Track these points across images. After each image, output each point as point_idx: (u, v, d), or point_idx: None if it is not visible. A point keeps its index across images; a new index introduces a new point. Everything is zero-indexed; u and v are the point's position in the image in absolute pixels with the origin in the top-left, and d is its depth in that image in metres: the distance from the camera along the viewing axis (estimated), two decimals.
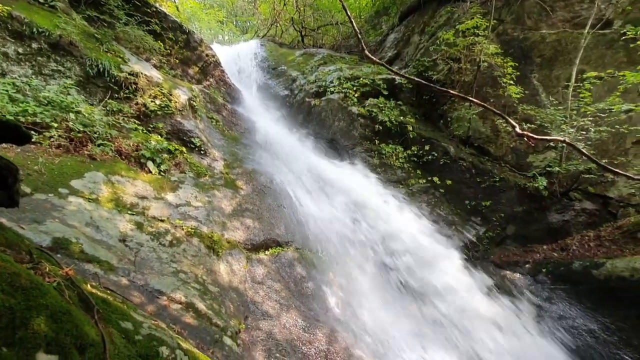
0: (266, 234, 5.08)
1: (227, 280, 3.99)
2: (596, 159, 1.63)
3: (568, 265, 5.44)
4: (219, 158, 6.03)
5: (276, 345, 3.57)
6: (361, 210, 5.91)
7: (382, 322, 4.75)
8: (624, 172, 1.65)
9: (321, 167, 6.88)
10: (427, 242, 5.59)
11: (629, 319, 4.57)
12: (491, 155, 7.73)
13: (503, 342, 4.50)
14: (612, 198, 6.85)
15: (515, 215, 6.94)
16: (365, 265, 5.19)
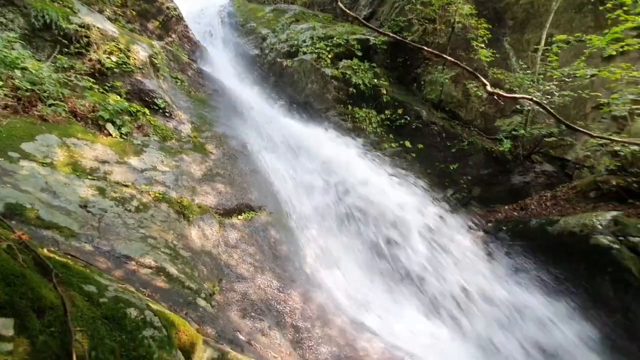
0: (239, 199, 5.00)
1: (199, 244, 3.94)
2: (559, 117, 1.67)
3: (526, 223, 5.82)
4: (186, 121, 5.73)
5: (251, 305, 3.63)
6: (335, 173, 5.92)
7: (356, 280, 4.93)
8: (583, 129, 1.70)
9: (295, 131, 6.74)
10: (400, 203, 5.74)
11: (577, 270, 5.02)
12: (461, 119, 7.87)
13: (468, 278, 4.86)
14: (570, 160, 7.27)
15: (481, 177, 7.23)
16: (339, 227, 5.28)
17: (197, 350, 1.82)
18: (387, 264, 5.18)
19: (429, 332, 4.46)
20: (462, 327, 4.65)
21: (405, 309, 4.68)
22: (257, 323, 3.43)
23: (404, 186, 6.26)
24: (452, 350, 4.39)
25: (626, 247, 4.73)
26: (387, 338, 4.08)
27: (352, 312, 4.40)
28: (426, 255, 5.14)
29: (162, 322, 1.58)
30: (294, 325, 3.79)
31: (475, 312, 4.74)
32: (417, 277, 4.88)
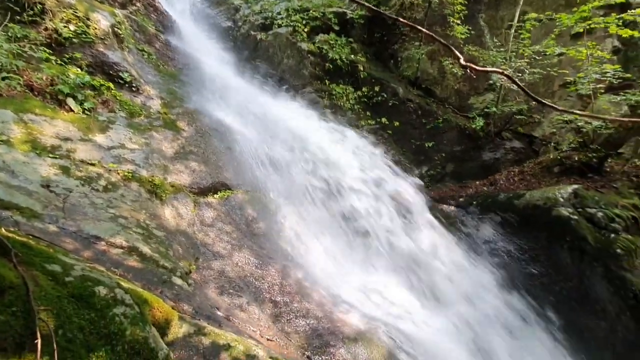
0: (214, 178, 4.90)
1: (173, 224, 3.86)
2: (527, 90, 1.71)
3: (495, 198, 6.08)
4: (155, 96, 5.47)
5: (229, 282, 3.64)
6: (312, 151, 5.89)
7: (333, 255, 5.03)
8: (549, 103, 1.76)
9: (271, 108, 6.59)
10: (376, 179, 5.82)
11: (539, 240, 5.34)
12: (437, 97, 7.96)
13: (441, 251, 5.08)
14: (537, 137, 7.57)
15: (454, 154, 7.43)
16: (317, 203, 5.31)
17: (173, 326, 1.81)
18: (364, 239, 5.29)
19: (402, 302, 4.66)
20: (435, 298, 4.88)
21: (380, 282, 4.84)
22: (235, 299, 3.45)
23: (381, 163, 6.34)
24: (425, 319, 4.61)
25: (584, 217, 5.07)
26: (363, 309, 4.23)
27: (330, 286, 4.51)
28: (400, 230, 5.29)
29: (134, 300, 1.55)
30: (273, 300, 3.84)
31: (447, 282, 4.98)
32: (392, 251, 5.04)
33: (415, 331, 4.16)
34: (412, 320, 4.41)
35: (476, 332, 4.46)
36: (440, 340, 4.20)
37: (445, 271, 5.15)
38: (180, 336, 1.78)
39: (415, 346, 3.85)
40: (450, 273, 5.18)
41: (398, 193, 6.05)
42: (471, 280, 5.09)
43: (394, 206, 5.75)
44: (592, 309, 4.81)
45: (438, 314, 4.57)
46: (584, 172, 5.99)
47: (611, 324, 4.64)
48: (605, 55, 5.74)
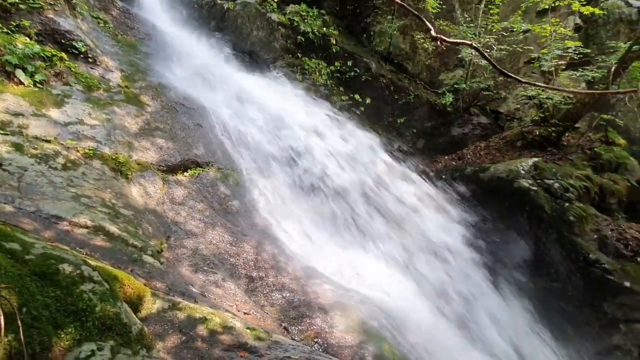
0: (183, 155, 4.73)
1: (142, 203, 3.73)
2: (494, 62, 1.76)
3: (462, 171, 6.32)
4: (114, 68, 5.12)
5: (203, 260, 3.61)
6: (285, 127, 5.81)
7: (307, 230, 5.09)
8: (513, 75, 1.82)
9: (241, 82, 6.37)
10: (350, 154, 5.87)
11: (502, 210, 5.67)
12: (408, 72, 8.00)
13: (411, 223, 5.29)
14: (502, 113, 7.86)
15: (425, 130, 7.59)
16: (290, 180, 5.30)
17: (146, 303, 1.79)
18: (338, 214, 5.38)
19: (375, 273, 4.83)
20: (406, 267, 5.10)
21: (353, 253, 4.98)
22: (210, 276, 3.44)
23: (353, 138, 6.37)
24: (396, 288, 4.82)
25: (542, 188, 5.40)
26: (338, 281, 4.35)
27: (304, 260, 4.58)
28: (373, 204, 5.42)
29: (103, 277, 1.51)
30: (248, 275, 3.86)
31: (418, 251, 5.21)
32: (365, 224, 5.17)
33: (387, 300, 4.34)
34: (384, 290, 4.60)
35: (442, 296, 4.74)
36: (409, 307, 4.43)
37: (417, 241, 5.37)
38: (154, 312, 1.77)
39: (387, 313, 4.04)
40: (421, 243, 5.41)
41: (375, 169, 6.14)
42: (440, 248, 5.34)
43: (370, 181, 5.84)
44: (547, 271, 5.23)
45: (408, 282, 4.79)
46: (543, 145, 6.34)
47: (563, 284, 5.07)
48: (568, 32, 5.96)
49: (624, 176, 5.92)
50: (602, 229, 5.25)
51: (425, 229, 5.38)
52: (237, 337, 1.83)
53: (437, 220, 5.80)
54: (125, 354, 1.32)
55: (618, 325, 4.88)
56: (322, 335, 3.45)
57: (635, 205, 5.76)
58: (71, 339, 1.24)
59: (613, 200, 5.69)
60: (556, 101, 5.99)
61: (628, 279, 4.82)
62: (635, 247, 5.09)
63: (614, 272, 4.84)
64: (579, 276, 5.00)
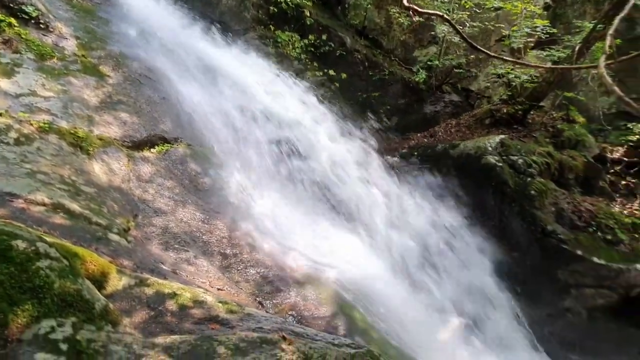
0: (149, 130, 4.52)
1: (105, 180, 3.56)
2: (465, 36, 1.76)
3: (433, 148, 6.47)
4: (70, 36, 4.72)
5: (174, 238, 3.53)
6: (259, 101, 5.65)
7: (283, 208, 5.08)
8: (483, 49, 1.83)
9: (210, 54, 6.07)
10: (326, 132, 5.83)
11: (469, 186, 5.90)
12: (383, 48, 7.93)
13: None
14: (473, 91, 8.03)
15: (398, 107, 7.64)
16: (262, 156, 5.22)
17: (111, 279, 1.73)
18: (312, 191, 5.40)
19: (348, 248, 4.94)
20: (378, 241, 5.25)
21: (328, 230, 5.05)
22: (181, 254, 3.38)
23: (327, 115, 6.32)
24: (369, 261, 4.96)
25: (507, 164, 5.65)
26: (312, 256, 4.42)
27: (280, 236, 4.60)
28: (348, 181, 5.47)
29: (61, 253, 1.44)
30: (222, 252, 3.84)
31: (389, 227, 5.36)
32: (339, 201, 5.23)
33: (360, 273, 4.47)
34: (356, 264, 4.72)
35: (413, 267, 4.95)
36: (381, 280, 4.60)
37: (388, 217, 5.52)
38: (120, 288, 1.72)
39: (360, 286, 4.17)
40: (393, 219, 5.56)
41: (347, 145, 6.15)
42: (411, 225, 5.52)
43: (343, 158, 5.86)
44: (509, 243, 5.56)
45: (381, 257, 4.95)
46: (510, 123, 6.57)
47: (522, 254, 5.43)
48: (537, 10, 6.07)
49: (581, 153, 6.28)
50: (559, 203, 5.60)
51: (396, 204, 5.52)
52: (208, 310, 1.82)
53: (407, 197, 5.96)
54: (88, 330, 1.29)
55: (569, 290, 5.32)
56: (296, 308, 3.53)
57: (590, 180, 6.16)
58: (29, 316, 1.19)
59: (571, 176, 6.05)
60: (523, 80, 6.18)
61: (580, 248, 5.22)
62: (587, 218, 5.49)
63: (568, 242, 5.22)
64: (537, 246, 5.35)
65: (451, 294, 4.99)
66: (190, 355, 1.33)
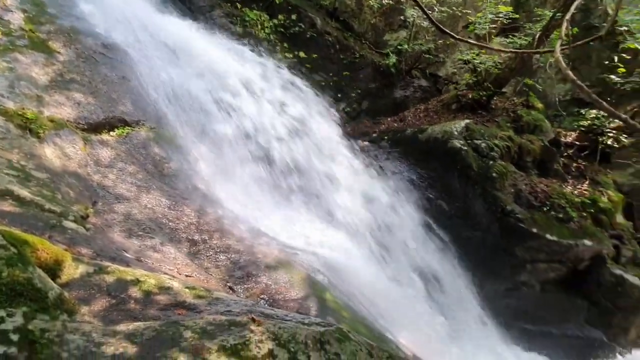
0: (107, 112, 4.26)
1: (59, 165, 3.32)
2: (431, 17, 1.77)
3: (403, 132, 6.59)
4: (15, 8, 4.29)
5: (138, 225, 3.39)
6: (225, 82, 5.45)
7: (252, 192, 5.01)
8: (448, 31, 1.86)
9: (172, 32, 5.75)
10: (298, 116, 5.76)
11: (437, 169, 6.09)
12: (354, 31, 7.87)
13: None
14: (441, 76, 8.20)
15: (369, 91, 7.67)
16: (232, 140, 5.08)
17: (66, 268, 1.64)
18: (283, 176, 5.35)
19: (318, 232, 4.99)
20: (348, 225, 5.33)
21: (299, 215, 5.06)
22: (146, 241, 3.26)
23: (298, 98, 6.23)
24: (339, 243, 5.04)
25: (471, 148, 5.87)
26: (283, 241, 4.42)
27: (250, 221, 4.55)
28: (314, 167, 5.47)
29: (9, 241, 1.33)
30: (190, 239, 3.74)
31: (360, 210, 5.45)
32: (308, 185, 5.23)
33: (330, 255, 4.54)
34: (328, 247, 4.79)
35: (382, 248, 5.09)
36: (351, 260, 4.69)
37: (359, 201, 5.60)
38: (77, 276, 1.63)
39: (331, 267, 4.23)
40: (364, 202, 5.65)
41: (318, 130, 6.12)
42: (381, 207, 5.64)
43: (313, 142, 5.83)
44: (471, 222, 5.84)
45: (351, 240, 5.04)
46: (475, 108, 6.80)
47: (483, 233, 5.73)
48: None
49: (539, 137, 6.64)
50: (518, 184, 5.93)
51: (366, 188, 5.61)
52: (174, 296, 1.78)
53: (378, 180, 6.07)
54: (42, 320, 1.21)
55: (525, 265, 5.70)
56: (267, 292, 3.53)
57: (545, 163, 6.55)
58: None
59: (529, 159, 6.40)
60: (488, 66, 6.37)
61: (535, 226, 5.58)
62: (542, 199, 5.86)
63: (525, 221, 5.56)
64: (496, 225, 5.67)
65: (416, 272, 5.20)
66: (154, 341, 1.29)
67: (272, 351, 1.52)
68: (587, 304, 5.65)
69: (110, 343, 1.21)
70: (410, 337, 4.34)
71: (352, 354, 1.86)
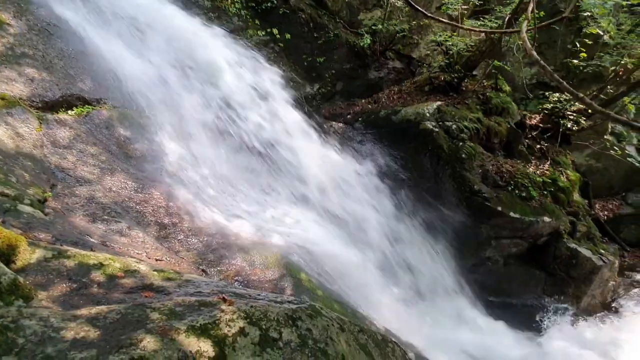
0: (64, 89, 3.99)
1: (12, 146, 3.09)
2: None
3: (376, 114, 6.62)
4: None
5: (102, 209, 3.24)
6: (194, 59, 5.21)
7: (224, 175, 4.90)
8: (425, 12, 1.84)
9: (139, 5, 5.38)
10: (266, 94, 5.62)
11: (409, 150, 6.20)
12: (328, 9, 7.68)
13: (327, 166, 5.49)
14: (415, 58, 8.23)
15: (344, 72, 7.59)
16: (202, 121, 4.91)
17: (22, 253, 1.55)
18: (255, 159, 5.26)
19: (293, 214, 4.99)
20: (322, 204, 5.36)
21: (273, 197, 5.03)
22: (112, 225, 3.13)
23: (270, 76, 6.08)
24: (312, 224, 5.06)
25: (442, 129, 6.00)
26: (257, 223, 4.39)
27: (223, 204, 4.48)
28: (291, 147, 5.41)
29: None
30: (159, 222, 3.64)
31: (335, 191, 5.48)
32: (282, 167, 5.19)
33: (304, 236, 4.56)
34: (302, 228, 4.81)
35: (356, 229, 5.18)
36: (325, 240, 4.75)
37: (332, 182, 5.63)
38: (34, 261, 1.54)
39: (305, 248, 4.27)
40: (337, 184, 5.69)
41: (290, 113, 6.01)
42: (353, 188, 5.70)
43: (285, 124, 5.74)
44: (442, 202, 6.04)
45: (324, 220, 5.09)
46: (447, 90, 6.91)
47: (452, 211, 5.95)
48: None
49: (506, 119, 6.88)
50: (485, 165, 6.16)
51: (339, 170, 5.63)
52: (141, 279, 1.73)
53: (352, 162, 6.10)
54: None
55: (490, 242, 6.01)
56: (242, 274, 3.52)
57: (511, 144, 6.83)
58: None
59: (496, 140, 6.64)
60: (459, 48, 6.46)
61: (500, 204, 5.86)
62: (507, 178, 6.14)
63: (491, 200, 5.82)
64: (465, 204, 5.90)
65: (388, 250, 5.35)
66: (118, 324, 1.26)
67: (243, 329, 1.52)
68: (545, 275, 6.07)
69: (70, 328, 1.17)
70: (383, 311, 4.51)
71: (324, 328, 1.91)
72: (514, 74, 7.74)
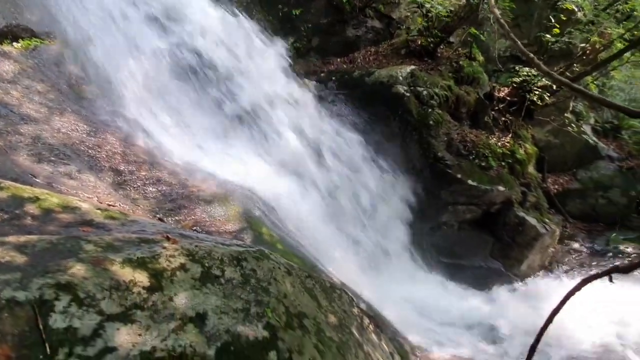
0: (9, 19, 3.63)
1: None
2: None
3: (350, 74, 6.51)
4: None
5: (50, 150, 3.08)
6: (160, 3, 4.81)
7: (188, 122, 4.73)
8: None
9: None
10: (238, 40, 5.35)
11: (379, 113, 6.21)
12: None
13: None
14: (394, 19, 8.00)
15: (320, 26, 7.28)
16: (163, 65, 4.64)
17: None
18: (222, 108, 5.09)
19: (258, 168, 4.97)
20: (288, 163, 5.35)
21: (237, 150, 4.94)
22: (60, 168, 3.00)
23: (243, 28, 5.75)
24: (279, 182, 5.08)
25: (413, 94, 6.02)
26: (220, 176, 4.33)
27: (185, 155, 4.36)
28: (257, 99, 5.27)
29: None
30: (114, 169, 3.52)
31: (298, 148, 5.46)
32: (249, 120, 5.08)
33: (269, 191, 4.57)
34: (266, 183, 4.81)
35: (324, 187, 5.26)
36: (290, 197, 4.81)
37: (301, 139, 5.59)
38: None
39: (268, 204, 4.30)
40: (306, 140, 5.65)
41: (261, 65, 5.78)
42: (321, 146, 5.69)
43: (255, 76, 5.54)
44: (407, 167, 6.21)
45: (289, 175, 5.10)
46: (422, 55, 6.85)
47: (417, 176, 6.14)
48: None
49: (475, 89, 6.98)
50: (451, 133, 6.32)
51: (307, 127, 5.59)
52: (81, 215, 1.70)
53: (322, 121, 6.05)
54: None
55: (447, 207, 6.31)
56: (200, 225, 3.53)
57: (478, 115, 6.99)
58: None
59: (464, 110, 6.77)
60: (439, 11, 6.33)
61: (461, 172, 6.10)
62: (470, 148, 6.36)
63: (453, 167, 6.05)
64: (428, 170, 6.10)
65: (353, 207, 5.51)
66: (48, 252, 1.25)
67: (184, 265, 1.56)
68: (493, 240, 6.53)
69: None
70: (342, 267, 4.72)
71: (269, 270, 1.99)
72: (489, 44, 7.75)
